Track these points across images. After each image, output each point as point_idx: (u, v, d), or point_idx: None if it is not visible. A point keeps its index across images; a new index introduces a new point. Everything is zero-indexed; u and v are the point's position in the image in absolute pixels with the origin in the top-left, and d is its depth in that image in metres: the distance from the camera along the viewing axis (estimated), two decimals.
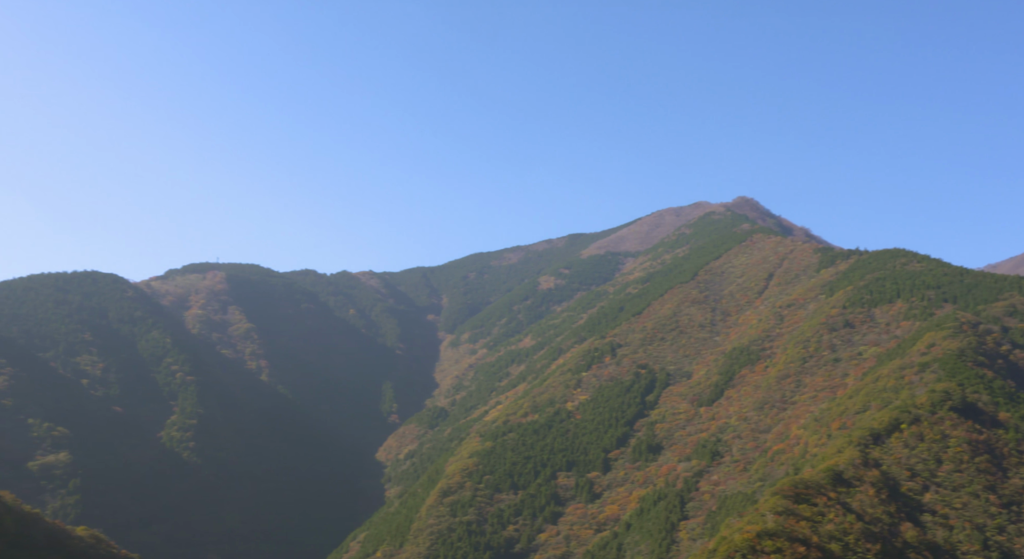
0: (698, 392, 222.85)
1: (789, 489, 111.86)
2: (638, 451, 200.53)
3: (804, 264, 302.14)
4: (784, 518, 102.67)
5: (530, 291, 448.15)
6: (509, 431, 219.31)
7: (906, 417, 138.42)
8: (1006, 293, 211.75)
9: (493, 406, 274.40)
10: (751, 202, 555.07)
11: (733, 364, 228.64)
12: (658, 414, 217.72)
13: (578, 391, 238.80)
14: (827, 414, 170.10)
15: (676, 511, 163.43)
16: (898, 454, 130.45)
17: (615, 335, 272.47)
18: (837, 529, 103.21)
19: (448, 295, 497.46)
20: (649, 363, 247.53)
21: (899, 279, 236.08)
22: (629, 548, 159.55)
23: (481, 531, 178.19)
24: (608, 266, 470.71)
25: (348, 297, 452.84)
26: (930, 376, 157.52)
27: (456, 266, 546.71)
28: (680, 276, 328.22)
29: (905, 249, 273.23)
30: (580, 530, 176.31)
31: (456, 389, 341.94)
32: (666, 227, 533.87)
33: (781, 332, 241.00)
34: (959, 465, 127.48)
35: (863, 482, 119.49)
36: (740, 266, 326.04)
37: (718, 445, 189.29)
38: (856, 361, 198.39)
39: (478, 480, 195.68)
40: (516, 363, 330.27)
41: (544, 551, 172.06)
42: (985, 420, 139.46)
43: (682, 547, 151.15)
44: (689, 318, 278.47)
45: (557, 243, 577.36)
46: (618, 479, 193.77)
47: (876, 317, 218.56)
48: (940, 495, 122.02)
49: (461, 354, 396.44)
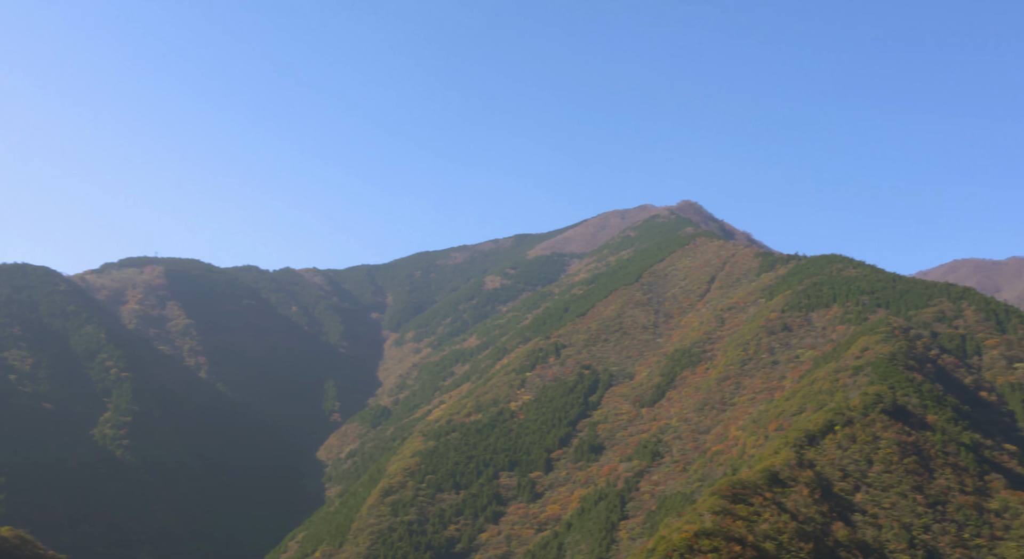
0: (640, 393, 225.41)
1: (727, 489, 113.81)
2: (580, 451, 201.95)
3: (745, 268, 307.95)
4: (721, 518, 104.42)
5: (476, 291, 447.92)
6: (452, 431, 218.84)
7: (840, 419, 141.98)
8: (935, 299, 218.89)
9: (437, 405, 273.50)
10: (695, 206, 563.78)
11: (675, 366, 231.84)
12: (601, 414, 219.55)
13: (522, 391, 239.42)
14: (765, 416, 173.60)
15: (616, 511, 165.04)
16: (832, 455, 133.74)
17: (560, 336, 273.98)
18: (772, 528, 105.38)
19: (393, 293, 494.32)
20: (593, 364, 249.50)
21: (835, 284, 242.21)
22: (570, 548, 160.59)
23: (422, 531, 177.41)
24: (554, 267, 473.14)
25: (291, 294, 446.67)
26: (863, 379, 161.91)
27: (402, 264, 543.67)
28: (624, 278, 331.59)
29: (842, 255, 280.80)
30: (521, 530, 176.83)
31: (400, 388, 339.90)
32: (611, 229, 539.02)
33: (722, 334, 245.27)
34: (889, 466, 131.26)
35: (798, 482, 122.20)
36: (683, 269, 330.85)
37: (659, 446, 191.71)
38: (793, 364, 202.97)
39: (420, 480, 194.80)
40: (461, 362, 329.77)
41: (485, 551, 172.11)
42: (914, 422, 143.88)
43: (622, 546, 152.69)
44: (633, 320, 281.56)
45: (503, 243, 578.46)
46: (560, 479, 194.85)
47: (813, 321, 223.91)
48: (870, 495, 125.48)
49: (405, 353, 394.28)
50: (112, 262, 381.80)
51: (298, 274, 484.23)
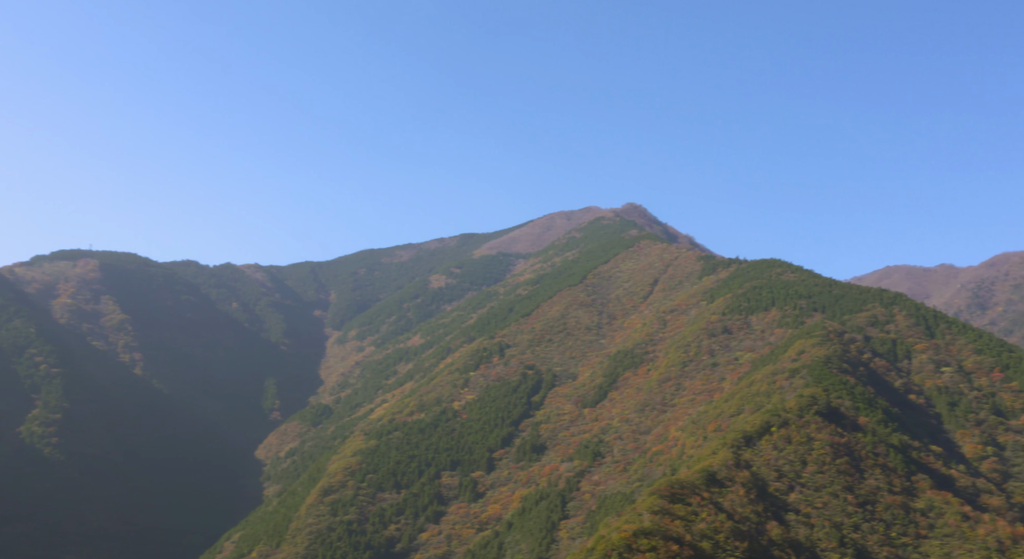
0: (583, 393, 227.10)
1: (666, 489, 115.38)
2: (522, 451, 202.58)
3: (688, 271, 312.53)
4: (660, 517, 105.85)
5: (421, 289, 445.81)
6: (394, 430, 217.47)
7: (776, 420, 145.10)
8: (869, 304, 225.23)
9: (379, 404, 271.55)
10: (639, 209, 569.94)
11: (617, 367, 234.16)
12: (543, 415, 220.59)
13: (465, 391, 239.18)
14: (704, 417, 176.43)
15: (557, 510, 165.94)
16: (767, 456, 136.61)
17: (504, 336, 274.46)
18: (709, 528, 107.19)
19: (337, 291, 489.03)
20: (536, 364, 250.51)
21: (774, 288, 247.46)
22: (510, 547, 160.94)
23: (362, 530, 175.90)
24: (499, 267, 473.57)
25: (231, 290, 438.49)
26: (799, 382, 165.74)
27: (346, 262, 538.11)
28: (569, 279, 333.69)
29: (780, 260, 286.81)
30: (462, 529, 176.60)
31: (342, 386, 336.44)
32: (557, 230, 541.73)
33: (664, 336, 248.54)
34: (822, 466, 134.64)
35: (735, 482, 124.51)
36: (627, 271, 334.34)
37: (600, 446, 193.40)
38: (733, 366, 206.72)
39: (361, 479, 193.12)
40: (404, 361, 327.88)
41: (425, 551, 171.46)
42: (847, 424, 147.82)
43: (562, 546, 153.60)
44: (577, 320, 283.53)
45: (449, 242, 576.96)
46: (502, 479, 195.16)
47: (752, 324, 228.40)
48: (804, 495, 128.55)
49: (348, 351, 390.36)
50: (43, 255, 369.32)
51: (239, 270, 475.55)
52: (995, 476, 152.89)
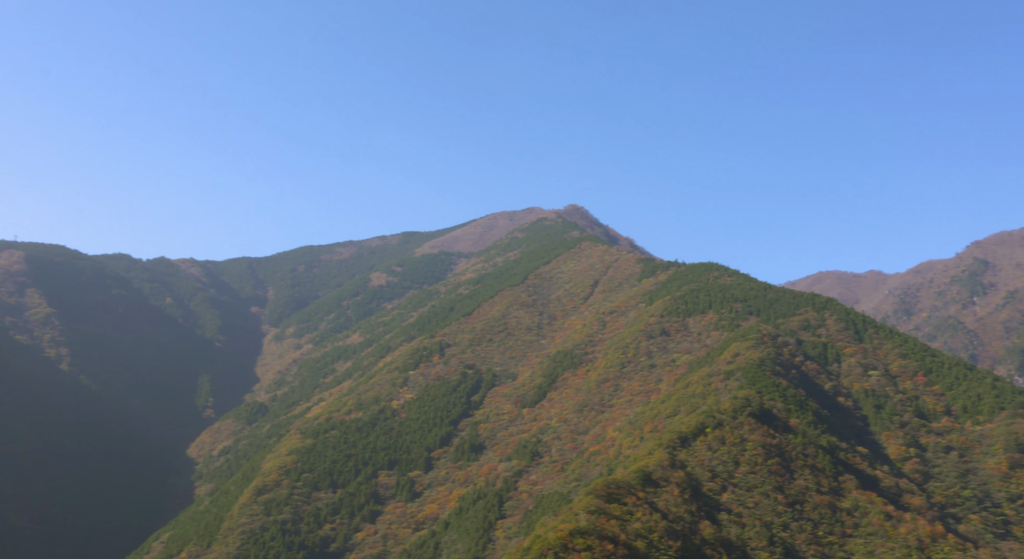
0: (522, 393, 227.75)
1: (602, 489, 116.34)
2: (461, 450, 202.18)
3: (627, 273, 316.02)
4: (596, 517, 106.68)
5: (361, 287, 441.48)
6: (331, 428, 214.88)
7: (711, 422, 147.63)
8: (802, 309, 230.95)
9: (316, 403, 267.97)
10: (581, 210, 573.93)
11: (557, 367, 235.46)
12: (482, 414, 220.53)
13: (404, 389, 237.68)
14: (641, 417, 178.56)
15: (494, 510, 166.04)
16: (702, 456, 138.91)
17: (444, 335, 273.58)
18: (643, 527, 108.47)
19: (275, 287, 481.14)
20: (476, 363, 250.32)
21: (711, 291, 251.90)
22: (446, 547, 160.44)
23: (296, 530, 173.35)
24: (441, 266, 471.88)
25: (165, 285, 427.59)
26: (734, 384, 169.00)
27: (285, 258, 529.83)
28: (511, 279, 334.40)
29: (718, 263, 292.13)
30: (398, 529, 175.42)
31: (278, 384, 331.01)
32: (500, 230, 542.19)
33: (603, 337, 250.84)
34: (754, 467, 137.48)
35: (669, 482, 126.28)
36: (568, 272, 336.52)
37: (538, 446, 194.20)
38: (670, 367, 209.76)
39: (296, 478, 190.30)
40: (343, 359, 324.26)
41: (360, 550, 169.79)
42: (778, 425, 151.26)
43: (498, 545, 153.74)
44: (517, 321, 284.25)
45: (391, 240, 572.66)
46: (439, 478, 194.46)
47: (690, 326, 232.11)
48: (736, 495, 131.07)
49: (285, 348, 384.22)
50: None
51: (174, 264, 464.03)
52: (917, 476, 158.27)
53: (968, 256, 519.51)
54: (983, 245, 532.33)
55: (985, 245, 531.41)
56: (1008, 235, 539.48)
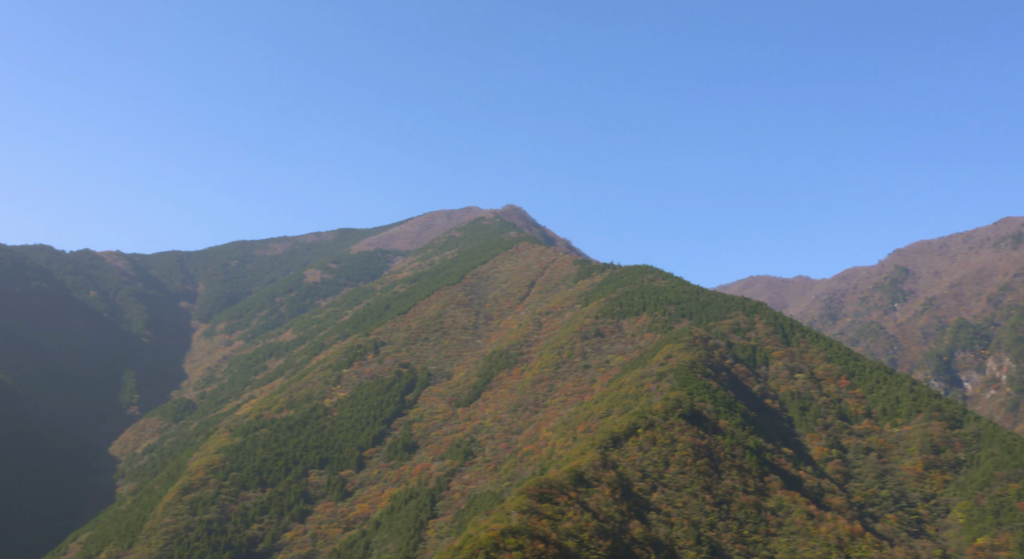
0: (457, 393, 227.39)
1: (534, 489, 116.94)
2: (394, 450, 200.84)
3: (564, 274, 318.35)
4: (528, 516, 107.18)
5: (295, 283, 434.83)
6: (262, 426, 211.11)
7: (642, 422, 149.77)
8: (732, 312, 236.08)
9: (247, 400, 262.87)
10: (519, 211, 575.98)
11: (492, 367, 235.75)
12: (416, 413, 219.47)
13: (338, 388, 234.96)
14: (575, 418, 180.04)
15: (426, 510, 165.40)
16: (633, 457, 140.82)
17: (380, 333, 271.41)
18: (574, 527, 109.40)
19: (206, 282, 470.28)
20: (411, 362, 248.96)
21: (646, 294, 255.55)
22: (377, 547, 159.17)
23: (223, 530, 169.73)
24: (377, 263, 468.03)
25: (90, 278, 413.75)
26: (665, 385, 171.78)
27: (216, 252, 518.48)
28: (448, 278, 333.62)
29: (652, 266, 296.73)
30: (329, 529, 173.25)
31: (207, 381, 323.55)
32: (437, 228, 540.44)
33: (539, 338, 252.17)
34: (683, 467, 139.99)
35: (601, 482, 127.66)
36: (505, 272, 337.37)
37: (472, 445, 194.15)
38: (604, 368, 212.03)
39: (224, 477, 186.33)
40: (275, 357, 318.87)
41: (289, 550, 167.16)
42: (708, 426, 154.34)
43: (429, 545, 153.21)
44: (453, 320, 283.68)
45: (327, 236, 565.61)
46: (371, 477, 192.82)
47: (624, 328, 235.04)
48: (665, 495, 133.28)
49: (216, 345, 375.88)
50: None
51: (99, 257, 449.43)
52: (838, 477, 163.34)
53: (890, 263, 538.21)
54: (904, 253, 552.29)
55: (906, 253, 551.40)
56: (927, 244, 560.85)
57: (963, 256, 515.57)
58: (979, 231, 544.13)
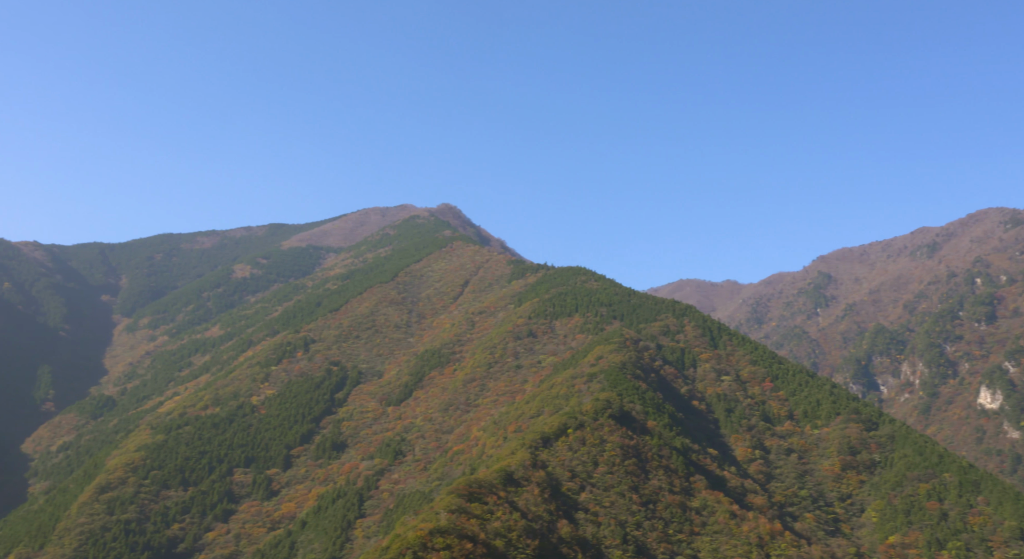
0: (388, 391, 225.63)
1: (463, 488, 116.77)
2: (322, 448, 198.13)
3: (498, 274, 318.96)
4: (456, 516, 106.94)
5: (223, 278, 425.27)
6: (185, 424, 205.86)
7: (573, 422, 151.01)
8: (663, 315, 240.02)
9: (170, 397, 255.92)
10: (454, 210, 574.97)
11: (424, 366, 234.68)
12: (346, 412, 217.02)
13: (265, 385, 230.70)
14: (506, 417, 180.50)
15: (354, 509, 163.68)
16: (563, 457, 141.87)
17: (310, 330, 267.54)
18: (503, 526, 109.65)
19: (129, 276, 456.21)
20: (342, 360, 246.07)
21: (578, 295, 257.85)
22: (302, 546, 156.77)
23: (141, 530, 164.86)
24: (309, 259, 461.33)
25: (3, 268, 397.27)
26: (596, 386, 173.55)
27: (141, 245, 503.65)
28: (381, 276, 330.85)
29: (585, 268, 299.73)
30: (253, 528, 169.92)
31: (129, 377, 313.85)
32: (371, 226, 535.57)
33: (471, 337, 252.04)
34: (611, 467, 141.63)
35: (530, 482, 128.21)
36: (439, 271, 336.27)
37: (402, 444, 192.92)
38: (535, 369, 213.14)
39: (144, 475, 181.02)
40: (201, 353, 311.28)
41: (211, 551, 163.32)
42: (636, 427, 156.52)
43: (356, 545, 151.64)
44: (386, 318, 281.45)
45: (257, 231, 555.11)
46: (299, 476, 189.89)
47: (556, 329, 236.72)
48: (593, 494, 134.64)
49: (138, 340, 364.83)
50: None
51: (14, 247, 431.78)
52: (760, 477, 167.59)
53: (814, 270, 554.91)
54: (827, 260, 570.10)
55: (829, 260, 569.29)
56: (849, 251, 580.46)
57: (882, 264, 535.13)
58: (897, 240, 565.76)
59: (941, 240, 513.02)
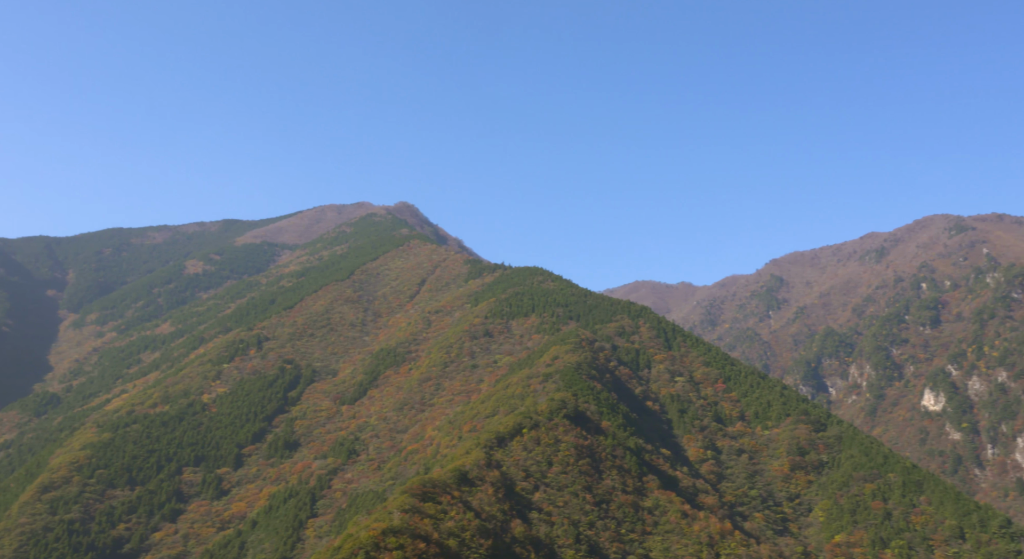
0: (342, 390, 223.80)
1: (417, 488, 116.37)
2: (274, 447, 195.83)
3: (455, 273, 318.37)
4: (410, 516, 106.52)
5: (175, 274, 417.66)
6: (133, 422, 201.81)
7: (528, 422, 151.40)
8: (618, 315, 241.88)
9: (118, 394, 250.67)
10: (411, 208, 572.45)
11: (379, 364, 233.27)
12: (299, 410, 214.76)
13: (217, 383, 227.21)
14: (461, 417, 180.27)
15: (306, 508, 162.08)
16: (517, 456, 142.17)
17: (263, 328, 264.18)
18: (456, 526, 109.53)
19: (77, 270, 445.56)
20: (296, 358, 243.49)
21: (535, 295, 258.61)
22: (252, 546, 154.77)
23: (86, 530, 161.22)
24: (263, 256, 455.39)
25: None
26: (551, 386, 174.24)
27: (89, 239, 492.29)
28: (336, 274, 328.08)
29: (542, 268, 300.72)
30: (202, 528, 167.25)
31: (75, 374, 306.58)
32: (327, 223, 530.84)
33: (428, 336, 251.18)
34: (566, 467, 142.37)
35: (485, 482, 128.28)
36: (396, 269, 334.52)
37: (356, 444, 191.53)
38: (491, 368, 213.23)
39: (89, 474, 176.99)
40: (151, 350, 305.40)
41: (158, 551, 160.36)
42: (591, 427, 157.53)
43: (308, 545, 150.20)
44: (341, 316, 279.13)
45: (210, 227, 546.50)
46: (250, 476, 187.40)
47: (513, 328, 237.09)
48: (547, 494, 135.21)
49: (86, 336, 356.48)
50: None
51: None
52: (712, 477, 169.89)
53: (766, 273, 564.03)
54: (780, 263, 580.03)
55: (781, 263, 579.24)
56: (800, 255, 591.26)
57: (832, 268, 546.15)
58: (847, 244, 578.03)
59: (889, 245, 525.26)
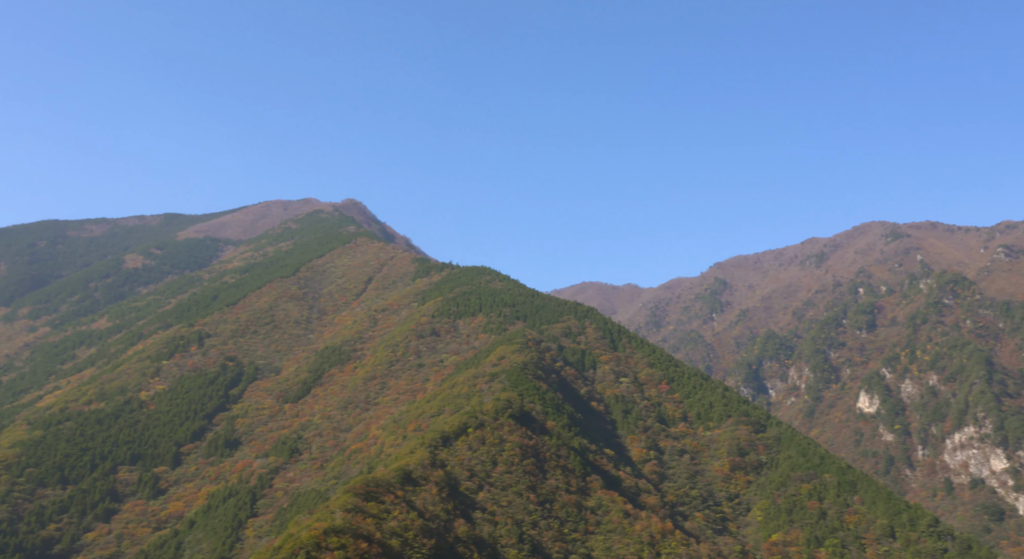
0: (285, 388, 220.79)
1: (360, 487, 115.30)
2: (214, 446, 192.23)
3: (402, 272, 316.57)
4: (352, 515, 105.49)
5: (113, 268, 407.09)
6: (66, 419, 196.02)
7: (473, 422, 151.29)
8: (565, 316, 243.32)
9: (50, 391, 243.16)
10: (359, 205, 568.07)
11: (324, 363, 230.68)
12: (241, 408, 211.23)
13: (156, 380, 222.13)
14: (406, 416, 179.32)
15: (246, 508, 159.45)
16: (462, 456, 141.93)
17: (205, 324, 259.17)
18: (400, 526, 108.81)
19: (8, 263, 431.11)
20: (238, 356, 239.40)
21: (483, 295, 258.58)
22: (189, 547, 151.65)
23: (13, 531, 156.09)
24: (206, 251, 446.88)
25: None
26: (497, 386, 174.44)
27: (22, 231, 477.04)
28: (281, 270, 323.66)
29: (490, 268, 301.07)
30: (137, 528, 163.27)
31: (4, 370, 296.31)
32: (272, 219, 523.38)
33: (373, 335, 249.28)
34: (510, 467, 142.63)
35: (429, 481, 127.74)
36: (342, 267, 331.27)
37: (298, 442, 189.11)
38: (438, 368, 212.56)
39: (18, 473, 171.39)
40: (86, 345, 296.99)
41: (90, 551, 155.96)
42: (536, 427, 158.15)
43: (247, 545, 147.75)
44: (285, 313, 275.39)
45: (151, 221, 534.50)
46: (188, 474, 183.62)
47: (460, 328, 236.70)
48: (492, 494, 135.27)
49: (17, 330, 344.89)
50: None
51: None
52: (654, 477, 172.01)
53: (710, 276, 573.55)
54: (723, 267, 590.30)
55: (725, 267, 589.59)
56: (744, 259, 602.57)
57: (774, 272, 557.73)
58: (788, 249, 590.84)
59: (828, 250, 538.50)
